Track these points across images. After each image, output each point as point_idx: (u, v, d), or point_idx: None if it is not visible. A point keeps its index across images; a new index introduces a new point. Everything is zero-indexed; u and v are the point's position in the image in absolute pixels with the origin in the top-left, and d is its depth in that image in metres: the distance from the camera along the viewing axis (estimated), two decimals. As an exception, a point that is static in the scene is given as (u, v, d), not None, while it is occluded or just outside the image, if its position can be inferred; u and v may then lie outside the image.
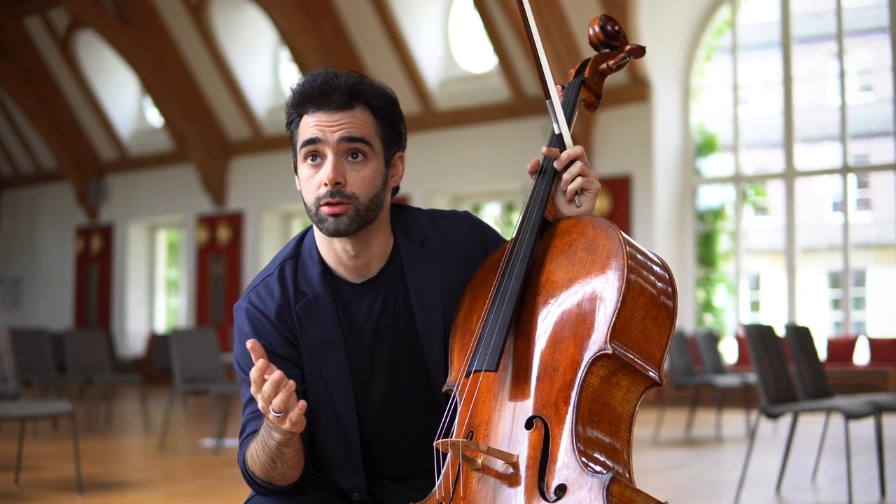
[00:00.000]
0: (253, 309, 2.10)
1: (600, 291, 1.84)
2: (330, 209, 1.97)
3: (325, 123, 1.98)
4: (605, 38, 2.26)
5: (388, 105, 2.05)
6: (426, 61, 16.30)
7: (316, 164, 1.99)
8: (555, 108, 2.09)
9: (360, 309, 2.10)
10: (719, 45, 15.84)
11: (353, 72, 2.06)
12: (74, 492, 5.96)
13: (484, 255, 2.14)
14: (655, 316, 1.86)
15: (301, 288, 2.09)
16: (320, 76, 2.01)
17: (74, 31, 20.16)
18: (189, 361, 8.70)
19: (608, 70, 2.26)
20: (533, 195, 2.06)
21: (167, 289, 21.49)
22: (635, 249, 1.89)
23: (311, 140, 1.98)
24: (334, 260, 2.09)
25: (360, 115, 2.00)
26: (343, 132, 1.98)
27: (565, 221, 2.02)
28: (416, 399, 2.11)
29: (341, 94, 1.98)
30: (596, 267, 1.87)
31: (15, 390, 6.09)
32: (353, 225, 1.98)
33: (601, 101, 2.27)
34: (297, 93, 2.02)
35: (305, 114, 2.01)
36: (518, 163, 15.52)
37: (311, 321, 2.07)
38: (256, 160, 18.81)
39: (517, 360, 1.89)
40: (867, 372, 13.47)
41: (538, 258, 1.98)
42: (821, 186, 23.51)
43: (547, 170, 2.09)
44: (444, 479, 1.89)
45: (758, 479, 6.56)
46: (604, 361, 1.80)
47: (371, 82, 2.05)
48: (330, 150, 1.98)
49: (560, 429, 1.77)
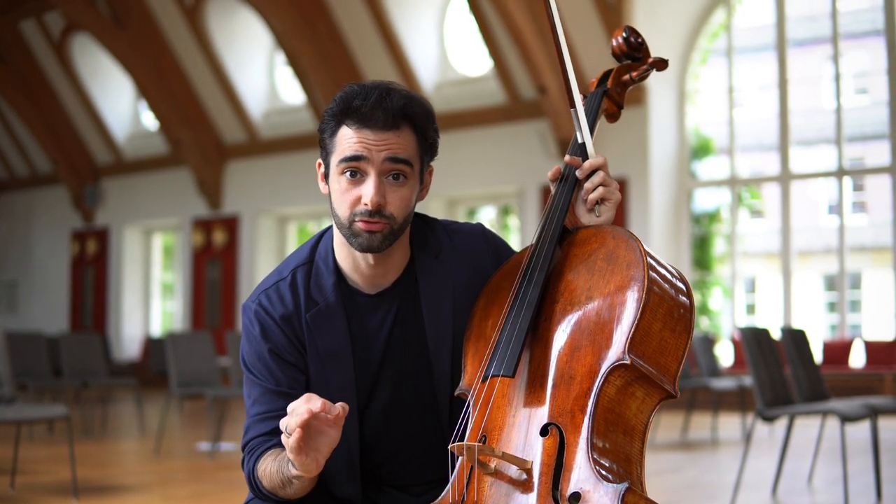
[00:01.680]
0: (262, 311, 2.09)
1: (619, 302, 1.84)
2: (367, 226, 1.95)
3: (371, 142, 1.94)
4: (629, 50, 2.28)
5: (429, 124, 2.03)
6: (421, 64, 16.31)
7: (355, 179, 1.96)
8: (579, 117, 2.09)
9: (373, 320, 2.09)
10: (715, 49, 15.87)
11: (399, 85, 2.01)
12: (70, 496, 5.95)
13: (496, 269, 2.13)
14: (673, 328, 1.86)
15: (313, 296, 2.07)
16: (374, 92, 1.95)
17: (70, 34, 20.16)
18: (185, 365, 8.69)
19: (631, 81, 2.27)
20: (554, 203, 2.06)
21: (163, 292, 21.47)
22: (655, 261, 1.89)
23: (354, 157, 1.94)
24: (351, 267, 2.08)
25: (405, 135, 1.97)
26: (389, 153, 1.94)
27: (585, 230, 2.02)
28: (419, 410, 2.11)
29: (392, 115, 1.94)
30: (616, 277, 1.87)
31: (10, 394, 6.08)
32: (386, 243, 1.98)
33: (622, 111, 2.27)
34: (345, 102, 1.97)
35: (347, 125, 1.96)
36: (513, 166, 15.54)
37: (320, 331, 2.06)
38: (252, 164, 18.80)
39: (533, 367, 1.89)
40: (863, 375, 13.48)
41: (557, 266, 1.99)
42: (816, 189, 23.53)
43: (568, 178, 2.08)
44: (456, 483, 1.88)
45: (754, 482, 6.57)
46: (621, 371, 1.80)
47: (419, 100, 2.01)
48: (373, 169, 1.94)
49: (576, 437, 1.77)
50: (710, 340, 11.27)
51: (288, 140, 18.25)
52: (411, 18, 16.27)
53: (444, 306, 2.09)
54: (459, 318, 2.08)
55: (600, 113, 2.22)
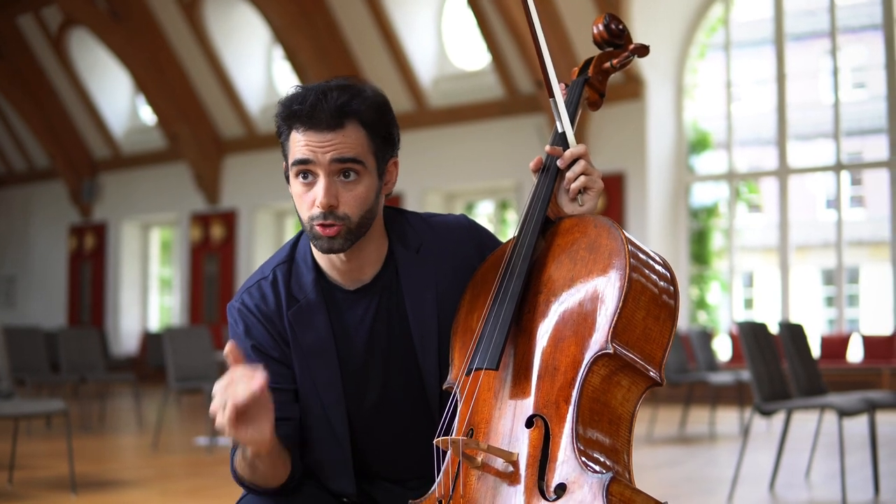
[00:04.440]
0: (245, 310, 2.09)
1: (602, 290, 1.84)
2: (323, 230, 1.95)
3: (315, 144, 1.93)
4: (609, 37, 2.26)
5: (380, 117, 2.00)
6: (419, 59, 16.29)
7: (308, 182, 1.96)
8: (558, 107, 2.08)
9: (354, 315, 2.08)
10: (713, 43, 15.85)
11: (345, 81, 2.00)
12: (68, 490, 5.96)
13: (481, 261, 2.12)
14: (657, 315, 1.85)
15: (294, 294, 2.08)
16: (311, 94, 1.94)
17: (67, 29, 20.13)
18: (182, 360, 8.69)
19: (612, 69, 2.25)
20: (535, 193, 2.06)
21: (160, 287, 21.47)
22: (637, 248, 1.89)
23: (302, 160, 1.94)
24: (327, 264, 2.08)
25: (351, 133, 1.95)
26: (334, 153, 1.93)
27: (567, 220, 2.01)
28: (409, 404, 2.11)
29: (331, 115, 1.93)
30: (598, 266, 1.87)
31: (8, 389, 6.09)
32: (347, 243, 1.97)
33: (604, 99, 2.26)
34: (286, 107, 1.97)
35: (295, 129, 1.96)
36: (511, 160, 15.53)
37: (302, 328, 2.06)
38: (250, 158, 18.79)
39: (518, 359, 1.89)
40: (861, 369, 13.49)
41: (540, 257, 1.98)
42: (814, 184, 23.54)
43: (550, 168, 2.08)
44: (443, 477, 1.88)
45: (751, 476, 6.57)
46: (605, 361, 1.79)
47: (363, 94, 1.98)
48: (321, 170, 1.94)
49: (560, 427, 1.77)
50: (707, 335, 11.27)
51: (286, 135, 18.21)
52: (409, 13, 16.25)
53: (428, 299, 2.08)
54: (444, 311, 2.08)
55: (582, 102, 2.20)
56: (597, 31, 2.26)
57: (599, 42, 2.27)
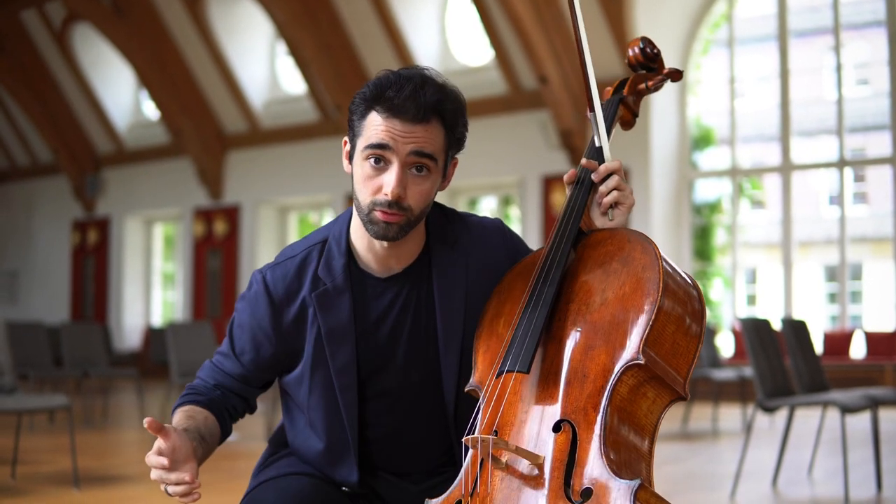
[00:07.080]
0: (264, 285, 2.12)
1: (635, 303, 1.87)
2: (385, 217, 1.96)
3: (397, 132, 1.94)
4: (644, 60, 2.33)
5: (459, 119, 2.02)
6: (422, 54, 16.28)
7: (379, 167, 1.96)
8: (598, 122, 2.13)
9: (381, 303, 2.10)
10: (716, 39, 15.84)
11: (437, 78, 2.00)
12: (71, 485, 5.96)
13: (511, 266, 2.14)
14: (686, 332, 1.90)
15: (321, 276, 2.09)
16: (408, 85, 1.94)
17: (70, 24, 20.12)
18: (185, 355, 8.70)
19: (646, 91, 2.32)
20: (570, 205, 2.09)
21: (163, 282, 21.48)
22: (669, 266, 1.93)
23: (380, 145, 1.94)
24: (365, 246, 2.08)
25: (434, 130, 1.97)
26: (414, 146, 1.94)
27: (600, 233, 2.05)
28: (424, 400, 2.12)
29: (422, 110, 1.94)
30: (631, 279, 1.90)
31: (11, 384, 6.09)
32: (402, 233, 1.99)
33: (636, 119, 2.34)
34: (377, 90, 1.96)
35: (377, 111, 1.95)
36: (514, 156, 15.53)
37: (324, 310, 2.07)
38: (253, 153, 18.79)
39: (546, 365, 1.92)
40: (863, 366, 13.49)
41: (572, 267, 2.01)
42: (817, 180, 23.51)
43: (584, 181, 2.11)
44: (465, 476, 1.89)
45: (754, 472, 6.57)
46: (634, 371, 1.83)
47: (452, 96, 2.00)
48: (397, 159, 1.94)
49: (589, 434, 1.79)
50: (710, 331, 11.28)
51: (289, 130, 18.25)
52: (412, 8, 16.25)
53: (457, 296, 2.10)
54: (471, 309, 2.10)
55: (616, 120, 2.28)
56: (632, 54, 2.33)
57: (634, 64, 2.35)
